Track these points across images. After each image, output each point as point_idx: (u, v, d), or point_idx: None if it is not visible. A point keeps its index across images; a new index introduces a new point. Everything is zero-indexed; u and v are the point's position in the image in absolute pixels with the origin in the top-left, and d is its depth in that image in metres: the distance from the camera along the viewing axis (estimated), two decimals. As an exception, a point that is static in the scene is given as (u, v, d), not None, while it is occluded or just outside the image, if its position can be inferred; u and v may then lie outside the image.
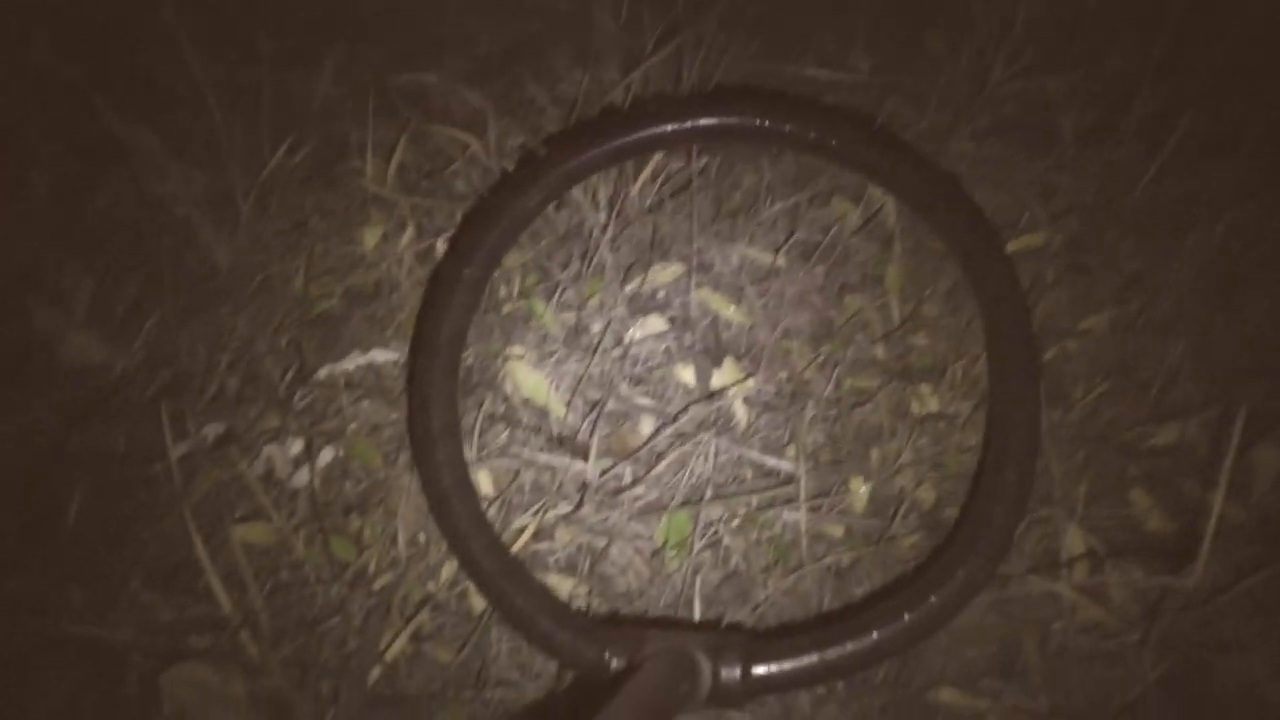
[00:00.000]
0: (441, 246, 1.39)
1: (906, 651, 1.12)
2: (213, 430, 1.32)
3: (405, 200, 1.43)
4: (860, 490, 1.21)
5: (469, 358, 1.34)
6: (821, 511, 1.20)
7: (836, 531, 1.20)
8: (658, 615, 1.17)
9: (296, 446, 1.30)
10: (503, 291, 1.37)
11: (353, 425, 1.30)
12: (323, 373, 1.34)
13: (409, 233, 1.43)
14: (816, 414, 1.26)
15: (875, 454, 1.22)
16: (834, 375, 1.26)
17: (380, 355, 1.34)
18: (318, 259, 1.42)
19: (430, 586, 1.22)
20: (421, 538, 1.24)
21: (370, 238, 1.43)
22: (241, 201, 1.43)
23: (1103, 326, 1.28)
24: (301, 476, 1.28)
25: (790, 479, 1.20)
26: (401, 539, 1.22)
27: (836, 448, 1.24)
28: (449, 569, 1.22)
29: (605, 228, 1.34)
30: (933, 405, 1.25)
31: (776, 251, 1.36)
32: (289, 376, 1.35)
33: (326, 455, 1.29)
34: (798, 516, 1.18)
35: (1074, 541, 1.16)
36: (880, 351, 1.29)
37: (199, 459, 1.30)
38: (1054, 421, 1.23)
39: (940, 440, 1.23)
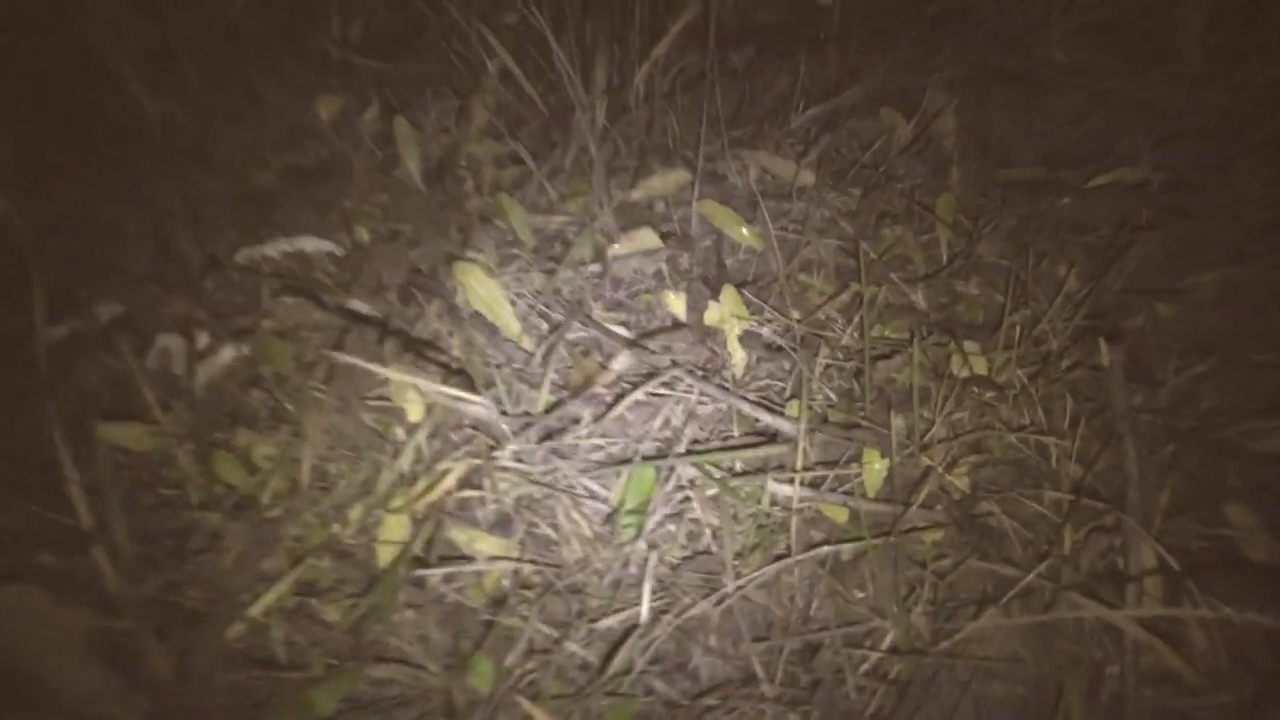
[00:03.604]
0: (403, 125, 1.04)
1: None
2: (108, 311, 1.00)
3: (372, 69, 1.10)
4: (875, 466, 0.86)
5: (416, 257, 1.00)
6: (823, 488, 0.86)
7: (839, 515, 0.85)
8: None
9: (201, 340, 0.98)
10: (469, 183, 1.03)
11: (268, 323, 0.98)
12: (242, 256, 1.01)
13: (373, 109, 1.09)
14: (831, 365, 0.91)
15: (899, 422, 0.87)
16: (859, 319, 0.91)
17: (311, 244, 1.01)
18: (263, 128, 1.10)
19: (335, 529, 0.89)
20: (332, 469, 0.92)
21: (327, 109, 1.10)
22: (185, 58, 1.10)
23: (1208, 288, 0.91)
24: (199, 375, 0.96)
25: (788, 442, 0.85)
26: (306, 466, 0.90)
27: (851, 409, 0.89)
28: (359, 510, 0.89)
29: (597, 117, 0.99)
30: (979, 368, 0.89)
31: (805, 164, 1.00)
32: (205, 256, 1.03)
33: (228, 354, 0.96)
34: (790, 491, 0.83)
35: (1148, 561, 0.80)
36: (920, 296, 0.94)
37: (85, 342, 0.98)
38: (1136, 404, 0.87)
39: (984, 414, 0.88)
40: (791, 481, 0.83)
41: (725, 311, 0.92)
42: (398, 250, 1.01)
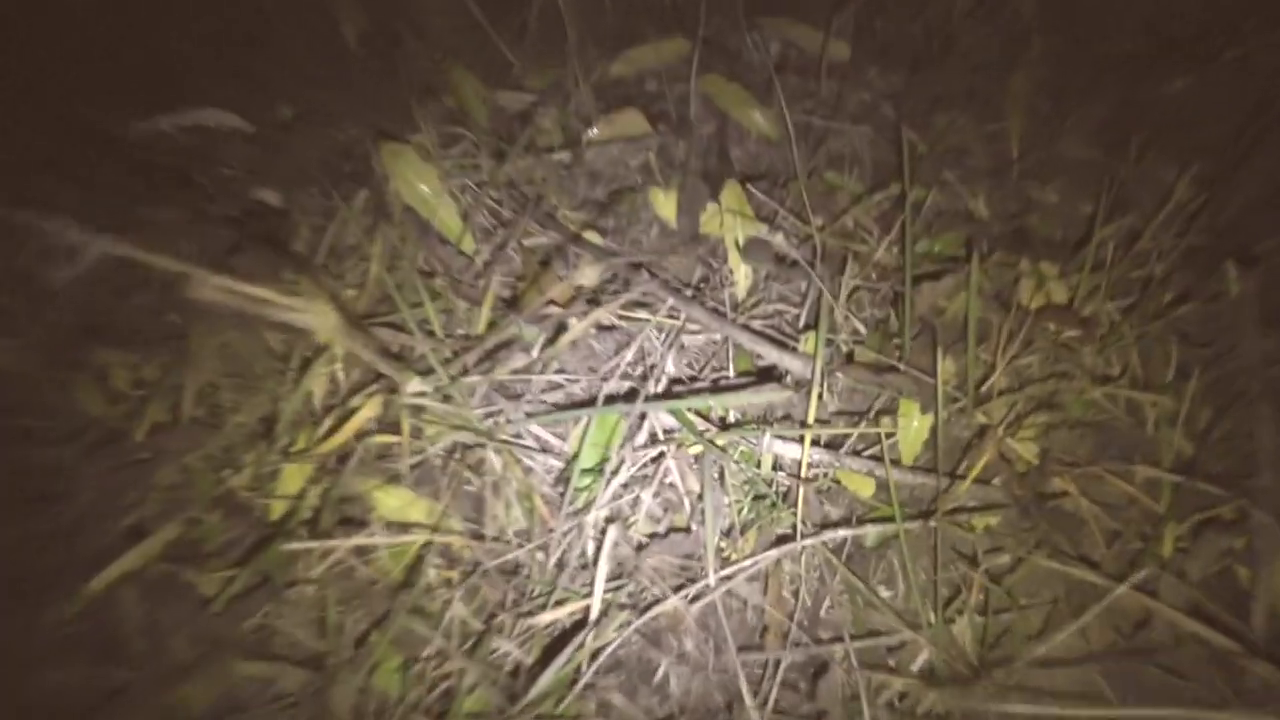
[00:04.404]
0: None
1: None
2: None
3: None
4: (914, 423, 0.62)
5: (342, 135, 0.78)
6: (843, 449, 0.63)
7: (862, 487, 0.63)
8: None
9: (69, 232, 0.76)
10: (414, 48, 0.80)
11: (153, 212, 0.76)
12: (134, 132, 0.79)
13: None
14: (862, 287, 0.68)
15: (948, 366, 0.64)
16: (900, 228, 0.67)
17: (215, 118, 0.79)
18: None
19: (227, 476, 0.68)
20: (224, 400, 0.71)
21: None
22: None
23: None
24: (64, 276, 0.75)
25: (799, 386, 0.62)
26: (190, 395, 0.69)
27: (885, 345, 0.65)
28: (254, 454, 0.68)
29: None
30: (1057, 296, 0.65)
31: (837, 33, 0.76)
32: (94, 133, 0.80)
33: (98, 251, 0.75)
34: (799, 451, 0.60)
35: (1282, 568, 0.57)
36: (982, 202, 0.70)
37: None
38: (1269, 352, 0.62)
39: (1061, 359, 0.64)
40: (801, 440, 0.60)
41: (727, 214, 0.69)
42: (322, 131, 0.78)
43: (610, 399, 0.64)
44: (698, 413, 0.63)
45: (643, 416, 0.63)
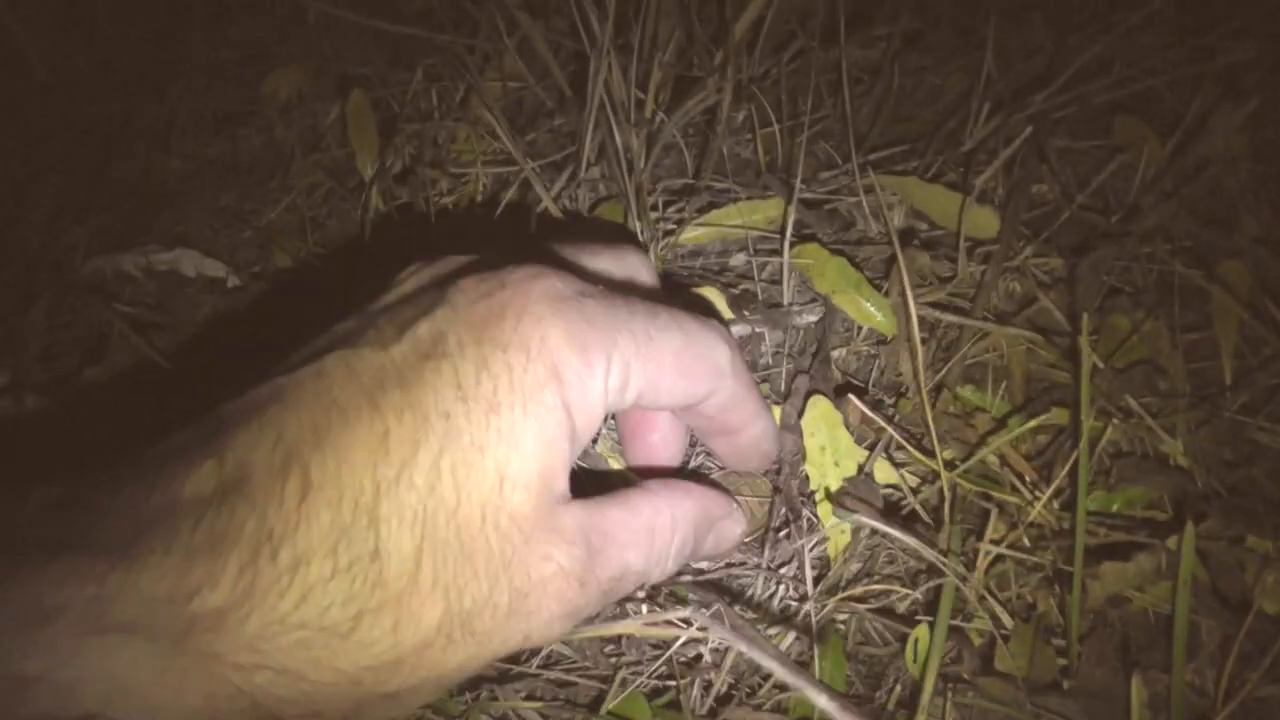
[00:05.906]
0: (360, 103, 0.67)
1: None
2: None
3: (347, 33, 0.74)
4: None
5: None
6: None
7: None
8: None
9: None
10: (443, 194, 0.64)
11: (93, 372, 0.61)
12: (90, 268, 0.65)
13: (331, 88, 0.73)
14: (1009, 558, 0.47)
15: (1140, 688, 0.42)
16: (1066, 474, 0.46)
17: (192, 263, 0.64)
18: (183, 103, 0.74)
19: None
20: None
21: (276, 88, 0.74)
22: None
23: None
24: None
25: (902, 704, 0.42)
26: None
27: (1039, 648, 0.44)
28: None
29: (647, 104, 0.60)
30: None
31: (982, 202, 0.58)
32: (46, 266, 0.67)
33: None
34: None
35: None
36: (1181, 445, 0.49)
37: None
38: None
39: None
40: None
41: (817, 442, 0.49)
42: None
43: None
44: (755, 732, 0.42)
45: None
